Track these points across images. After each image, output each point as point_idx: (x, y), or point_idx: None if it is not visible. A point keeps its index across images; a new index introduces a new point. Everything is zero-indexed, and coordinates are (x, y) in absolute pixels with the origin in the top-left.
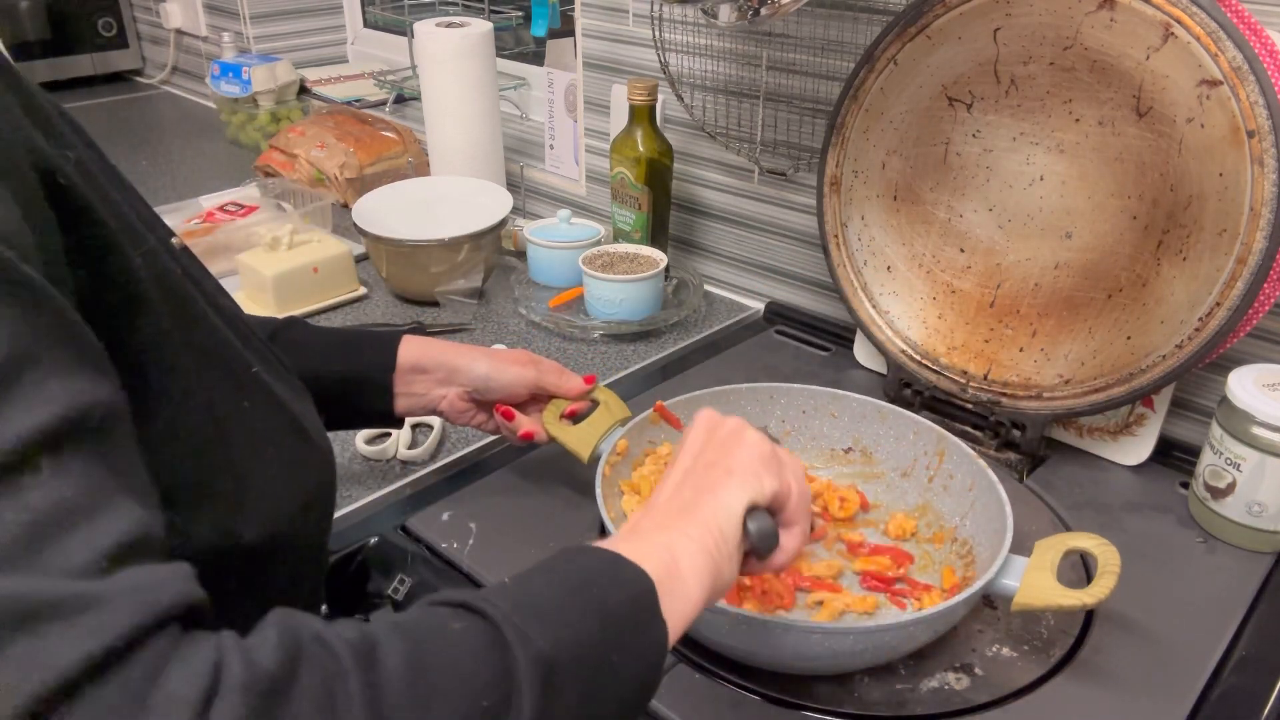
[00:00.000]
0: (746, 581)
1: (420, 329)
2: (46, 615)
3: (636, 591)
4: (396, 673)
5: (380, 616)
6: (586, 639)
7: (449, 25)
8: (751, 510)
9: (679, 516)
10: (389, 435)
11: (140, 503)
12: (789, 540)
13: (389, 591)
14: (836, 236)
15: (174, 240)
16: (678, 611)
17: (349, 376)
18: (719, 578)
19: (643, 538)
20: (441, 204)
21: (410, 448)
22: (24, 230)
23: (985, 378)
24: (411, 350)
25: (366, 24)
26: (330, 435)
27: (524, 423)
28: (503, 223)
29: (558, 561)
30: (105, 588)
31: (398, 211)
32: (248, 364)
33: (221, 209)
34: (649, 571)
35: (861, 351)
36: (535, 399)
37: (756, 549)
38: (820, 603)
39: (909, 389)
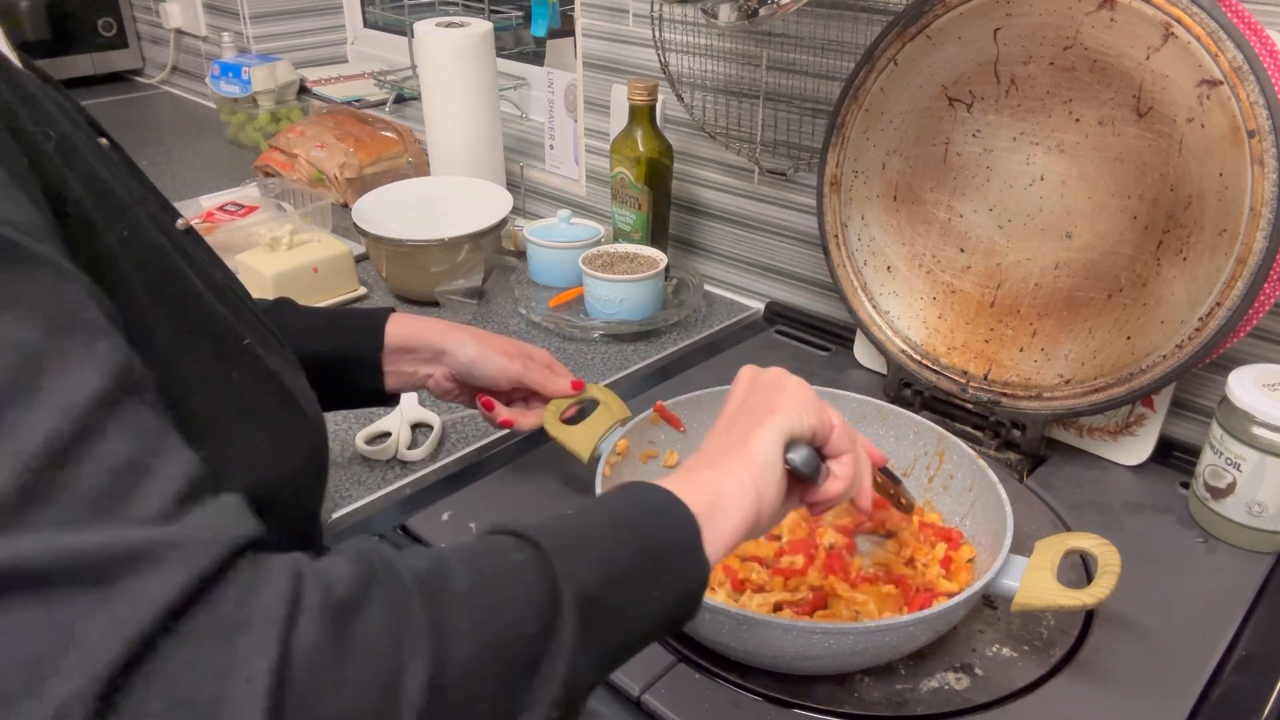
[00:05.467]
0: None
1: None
2: (141, 558)
3: (681, 530)
4: (460, 597)
5: (449, 546)
6: (629, 575)
7: (449, 25)
8: (792, 444)
9: (724, 456)
10: (389, 435)
11: (186, 446)
12: (840, 468)
13: None
14: (836, 236)
15: (179, 222)
16: (720, 541)
17: (338, 356)
18: (761, 506)
19: (690, 476)
20: (441, 204)
21: (410, 448)
22: (28, 209)
23: (985, 378)
24: (400, 329)
25: (366, 24)
26: (330, 434)
27: (502, 413)
28: (503, 223)
29: (614, 497)
30: (182, 529)
31: (398, 211)
32: (239, 336)
33: (221, 209)
34: (693, 507)
35: (861, 351)
36: (519, 390)
37: (805, 475)
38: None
39: (909, 389)
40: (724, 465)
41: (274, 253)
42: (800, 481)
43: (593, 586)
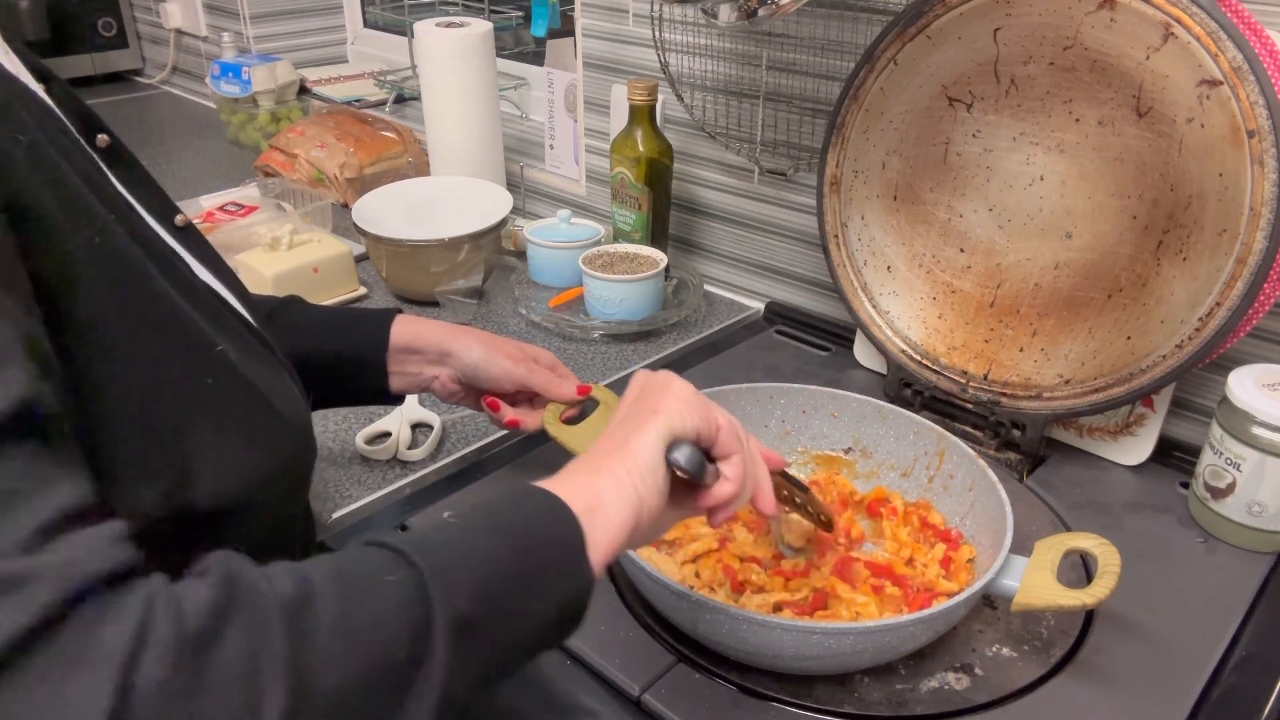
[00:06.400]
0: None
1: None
2: None
3: (565, 537)
4: (325, 625)
5: (322, 559)
6: (509, 588)
7: (449, 25)
8: (675, 444)
9: (606, 458)
10: (389, 435)
11: (76, 481)
12: (729, 469)
13: None
14: (836, 236)
15: (178, 219)
16: (601, 547)
17: (344, 357)
18: (641, 509)
19: (571, 479)
20: (441, 204)
21: (410, 448)
22: None
23: (985, 378)
24: (405, 330)
25: (366, 24)
26: (330, 434)
27: (508, 413)
28: (503, 223)
29: (499, 501)
30: (31, 564)
31: (398, 211)
32: (212, 342)
33: (221, 209)
34: (575, 510)
35: (861, 351)
36: (523, 392)
37: (689, 474)
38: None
39: (909, 389)
40: (605, 468)
41: (274, 253)
42: (693, 487)
43: (470, 606)
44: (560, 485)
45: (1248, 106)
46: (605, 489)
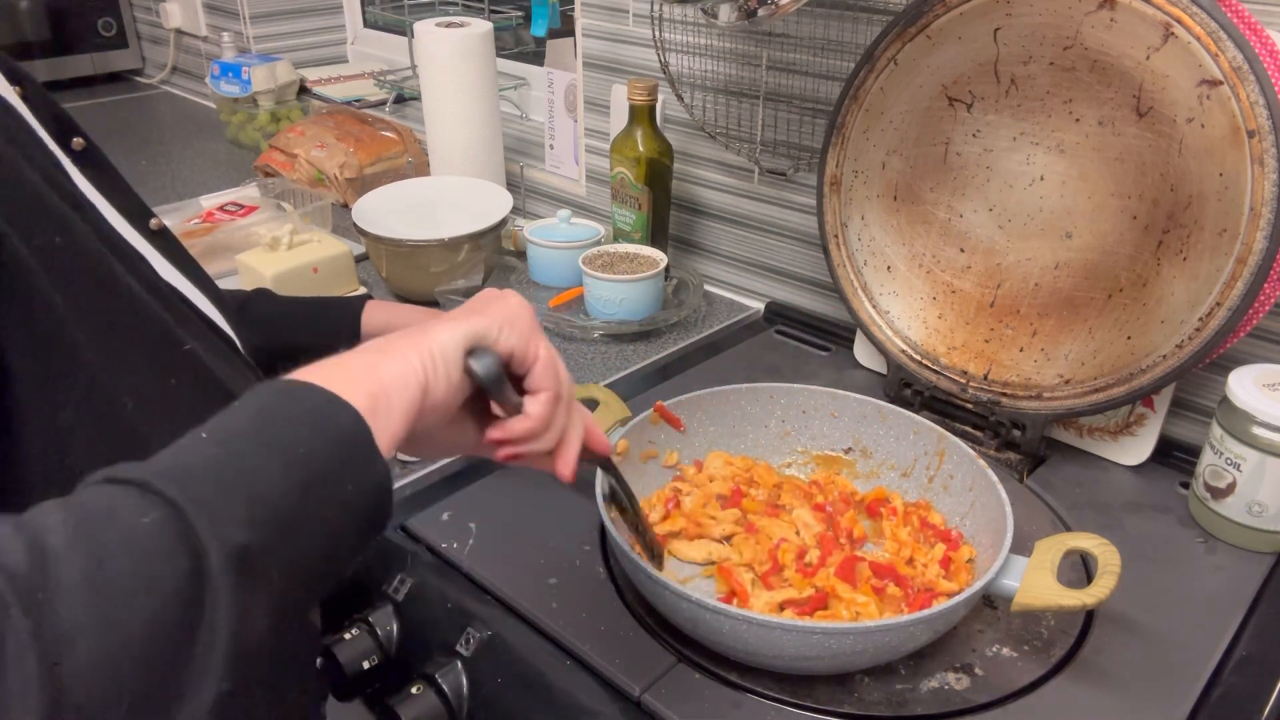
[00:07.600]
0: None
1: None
2: None
3: (347, 436)
4: (72, 589)
5: (63, 503)
6: (292, 504)
7: (449, 25)
8: (478, 350)
9: (398, 339)
10: None
11: None
12: (534, 406)
13: (389, 591)
14: (836, 236)
15: (152, 222)
16: (388, 433)
17: (316, 346)
18: (427, 395)
19: (350, 362)
20: (441, 204)
21: None
22: None
23: (985, 378)
24: (377, 317)
25: (366, 24)
26: None
27: None
28: (503, 223)
29: (260, 409)
30: None
31: (398, 211)
32: (179, 343)
33: (221, 209)
34: (357, 404)
35: (861, 351)
36: None
37: (485, 385)
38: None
39: (909, 389)
40: (390, 348)
41: (274, 253)
42: (493, 416)
43: (248, 534)
44: (336, 373)
45: (1248, 106)
46: (388, 371)
